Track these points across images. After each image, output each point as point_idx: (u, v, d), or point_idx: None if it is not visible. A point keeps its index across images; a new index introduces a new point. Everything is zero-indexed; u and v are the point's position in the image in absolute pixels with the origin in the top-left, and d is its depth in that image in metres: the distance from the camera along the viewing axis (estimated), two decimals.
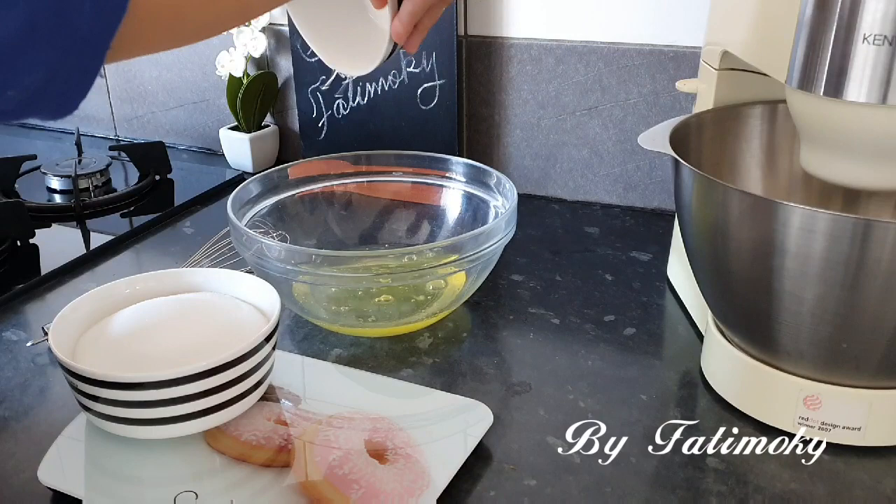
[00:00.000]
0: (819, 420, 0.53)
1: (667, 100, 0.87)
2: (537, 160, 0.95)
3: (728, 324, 0.58)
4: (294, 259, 0.62)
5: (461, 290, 0.69)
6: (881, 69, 0.46)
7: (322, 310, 0.70)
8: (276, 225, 0.75)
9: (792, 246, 0.48)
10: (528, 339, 0.67)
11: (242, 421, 0.54)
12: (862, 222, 0.46)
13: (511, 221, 0.67)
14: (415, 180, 0.80)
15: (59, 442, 0.53)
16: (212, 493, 0.48)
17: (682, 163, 0.54)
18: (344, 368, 0.61)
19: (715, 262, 0.55)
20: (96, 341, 0.53)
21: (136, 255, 0.84)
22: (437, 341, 0.67)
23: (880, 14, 0.45)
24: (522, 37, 0.91)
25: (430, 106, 0.93)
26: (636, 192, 0.92)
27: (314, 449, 0.51)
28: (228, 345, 0.51)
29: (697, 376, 0.62)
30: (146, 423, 0.50)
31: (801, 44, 0.49)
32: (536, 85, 0.92)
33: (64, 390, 0.58)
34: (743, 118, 0.65)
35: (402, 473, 0.49)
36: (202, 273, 0.61)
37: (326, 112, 0.99)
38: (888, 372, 0.52)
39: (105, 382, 0.48)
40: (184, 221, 0.91)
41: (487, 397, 0.58)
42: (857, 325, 0.50)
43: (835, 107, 0.49)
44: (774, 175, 0.66)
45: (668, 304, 0.72)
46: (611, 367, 0.63)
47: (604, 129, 0.90)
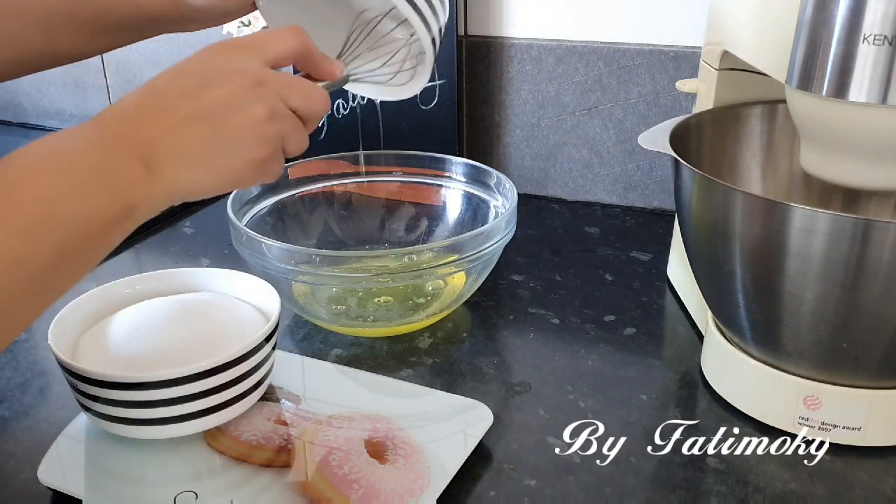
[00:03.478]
0: (819, 420, 0.53)
1: (667, 100, 0.87)
2: (537, 160, 0.95)
3: (728, 324, 0.58)
4: (294, 259, 0.62)
5: (461, 290, 0.69)
6: (881, 69, 0.45)
7: (322, 310, 0.70)
8: (275, 225, 0.75)
9: (792, 246, 0.48)
10: (528, 339, 0.67)
11: (242, 421, 0.53)
12: (862, 222, 0.46)
13: (511, 221, 0.67)
14: (415, 180, 0.80)
15: (59, 442, 0.53)
16: (212, 493, 0.48)
17: (682, 163, 0.54)
18: (344, 368, 0.61)
19: (715, 262, 0.55)
20: (96, 341, 0.53)
21: (136, 255, 0.84)
22: (437, 341, 0.67)
23: (880, 14, 0.45)
24: (522, 37, 0.91)
25: (430, 106, 0.93)
26: (636, 192, 0.92)
27: (314, 449, 0.51)
28: (228, 345, 0.51)
29: (697, 376, 0.62)
30: (146, 423, 0.50)
31: (801, 44, 0.49)
32: (536, 85, 0.91)
33: (64, 390, 0.58)
34: (743, 118, 0.65)
35: (402, 473, 0.49)
36: (202, 273, 0.61)
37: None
38: (888, 372, 0.52)
39: (105, 382, 0.48)
40: (184, 221, 0.91)
41: (487, 397, 0.58)
42: (857, 325, 0.50)
43: (835, 107, 0.49)
44: (774, 175, 0.66)
45: (668, 304, 0.72)
46: (611, 367, 0.63)
47: (604, 129, 0.90)
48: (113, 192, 0.38)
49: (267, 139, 0.44)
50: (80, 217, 0.37)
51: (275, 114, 0.44)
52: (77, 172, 0.38)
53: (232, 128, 0.42)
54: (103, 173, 0.38)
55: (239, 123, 0.43)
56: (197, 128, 0.42)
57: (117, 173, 0.39)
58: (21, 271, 0.35)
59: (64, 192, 0.37)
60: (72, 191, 0.37)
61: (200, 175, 0.42)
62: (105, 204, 0.38)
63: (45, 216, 0.36)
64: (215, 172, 0.43)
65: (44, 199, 0.36)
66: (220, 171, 0.43)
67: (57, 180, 0.37)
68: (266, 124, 0.43)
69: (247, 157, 0.43)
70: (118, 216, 0.39)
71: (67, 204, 0.37)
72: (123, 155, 0.39)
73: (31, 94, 1.26)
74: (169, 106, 0.42)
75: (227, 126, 0.42)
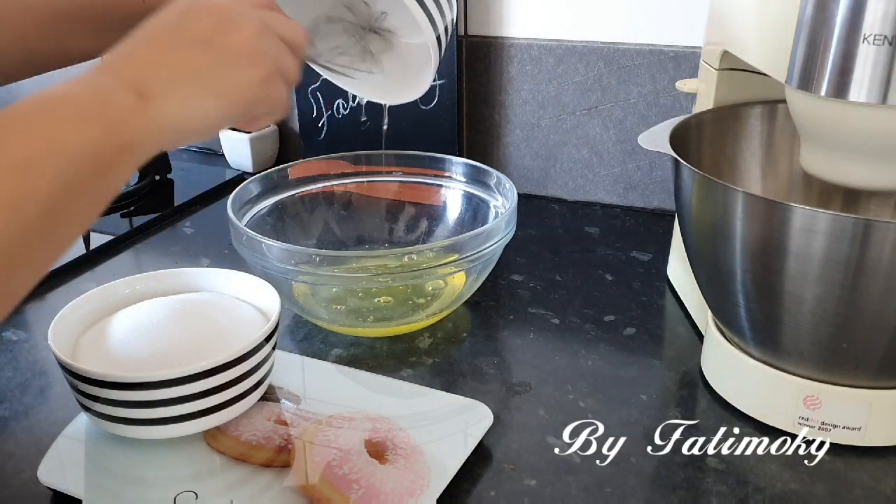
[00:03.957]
0: (819, 420, 0.53)
1: (667, 100, 0.87)
2: (537, 160, 0.95)
3: (728, 324, 0.58)
4: (294, 259, 0.62)
5: (461, 290, 0.69)
6: (881, 69, 0.45)
7: (322, 310, 0.70)
8: (275, 225, 0.75)
9: (792, 246, 0.48)
10: (528, 339, 0.67)
11: (242, 421, 0.53)
12: (862, 222, 0.46)
13: (511, 221, 0.67)
14: (415, 180, 0.80)
15: (59, 442, 0.53)
16: (212, 493, 0.48)
17: (682, 163, 0.54)
18: (344, 368, 0.61)
19: (715, 262, 0.55)
20: (96, 341, 0.53)
21: (136, 255, 0.84)
22: (437, 341, 0.67)
23: (880, 14, 0.45)
24: (522, 37, 0.91)
25: (430, 106, 0.93)
26: (636, 192, 0.92)
27: (314, 449, 0.51)
28: (228, 345, 0.51)
29: (697, 376, 0.62)
30: (146, 423, 0.50)
31: (801, 44, 0.49)
32: (536, 85, 0.91)
33: (64, 390, 0.58)
34: (743, 118, 0.65)
35: (402, 473, 0.49)
36: (202, 273, 0.61)
37: (326, 112, 0.99)
38: (888, 372, 0.52)
39: (105, 382, 0.48)
40: (184, 221, 0.91)
41: (487, 397, 0.58)
42: (857, 325, 0.50)
43: (835, 107, 0.49)
44: (774, 175, 0.66)
45: (668, 304, 0.72)
46: (611, 367, 0.63)
47: (604, 129, 0.90)
48: (105, 124, 0.37)
49: (262, 53, 0.44)
50: (74, 151, 0.36)
51: (263, 31, 0.44)
52: (68, 108, 0.37)
53: (224, 46, 0.42)
54: (93, 106, 0.38)
55: (231, 40, 0.43)
56: (188, 51, 0.41)
57: (108, 105, 0.38)
58: (23, 211, 0.34)
59: (56, 128, 0.36)
60: (63, 126, 0.36)
61: (200, 98, 0.41)
62: (98, 136, 0.37)
63: (39, 152, 0.35)
64: (215, 94, 0.42)
65: (36, 135, 0.35)
66: (221, 93, 0.42)
67: (49, 117, 0.36)
68: (258, 39, 0.43)
69: (245, 75, 0.43)
70: (116, 150, 0.38)
71: (59, 138, 0.36)
72: (113, 87, 0.39)
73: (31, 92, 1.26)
74: (161, 37, 0.42)
75: (219, 45, 0.42)
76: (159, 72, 0.40)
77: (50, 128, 0.36)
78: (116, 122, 0.38)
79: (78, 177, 0.36)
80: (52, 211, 0.35)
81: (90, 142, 0.37)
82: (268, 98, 0.45)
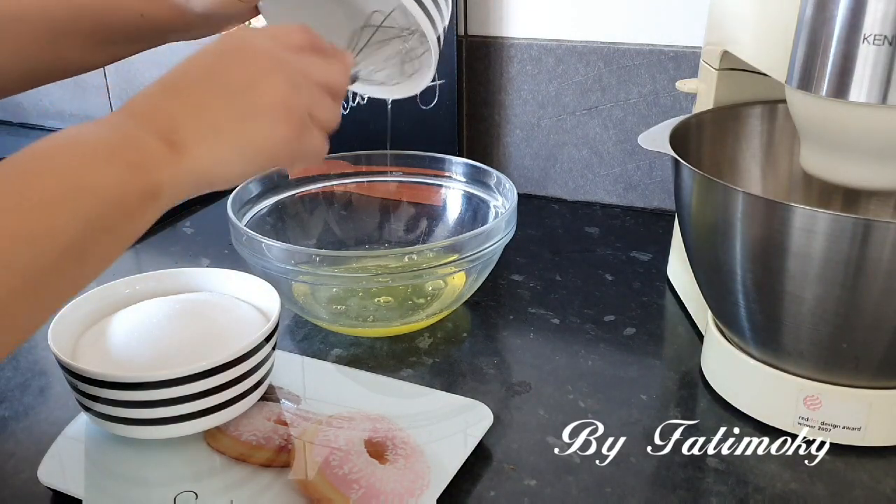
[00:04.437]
0: (819, 420, 0.53)
1: (667, 100, 0.87)
2: (537, 160, 0.95)
3: (728, 324, 0.58)
4: (294, 259, 0.62)
5: (461, 290, 0.69)
6: (881, 69, 0.45)
7: (322, 310, 0.70)
8: (275, 225, 0.75)
9: (792, 246, 0.48)
10: (528, 339, 0.67)
11: (242, 421, 0.53)
12: (862, 222, 0.46)
13: (511, 221, 0.67)
14: (415, 180, 0.80)
15: (59, 442, 0.53)
16: (212, 493, 0.48)
17: (682, 163, 0.54)
18: (344, 368, 0.61)
19: (715, 262, 0.55)
20: (96, 341, 0.53)
21: (136, 255, 0.84)
22: (437, 341, 0.67)
23: (880, 14, 0.45)
24: (522, 37, 0.91)
25: (430, 106, 0.93)
26: (636, 192, 0.92)
27: (314, 449, 0.51)
28: (228, 345, 0.51)
29: (697, 376, 0.62)
30: (146, 423, 0.50)
31: (802, 44, 0.49)
32: (536, 85, 0.91)
33: (64, 390, 0.58)
34: (743, 118, 0.65)
35: (402, 473, 0.49)
36: (202, 273, 0.61)
37: None
38: (888, 372, 0.52)
39: (105, 382, 0.48)
40: (184, 221, 0.91)
41: (487, 397, 0.58)
42: (857, 325, 0.50)
43: (835, 107, 0.49)
44: (774, 175, 0.66)
45: (668, 304, 0.72)
46: (611, 367, 0.63)
47: (604, 129, 0.90)
48: (133, 170, 0.38)
49: (292, 110, 0.43)
50: (101, 192, 0.36)
51: (298, 86, 0.44)
52: (97, 151, 0.37)
53: (256, 102, 0.42)
54: (123, 150, 0.38)
55: (263, 97, 0.42)
56: (220, 104, 0.41)
57: (137, 151, 0.38)
58: (46, 246, 0.34)
59: (84, 170, 0.36)
60: (92, 167, 0.36)
61: (227, 152, 0.41)
62: (126, 180, 0.37)
63: (66, 191, 0.35)
64: (243, 149, 0.42)
65: (64, 175, 0.35)
66: (249, 148, 0.42)
67: (78, 158, 0.36)
68: (290, 96, 0.43)
69: (275, 131, 0.43)
70: (141, 195, 0.38)
71: (88, 180, 0.36)
72: (144, 133, 0.39)
73: (31, 94, 1.26)
74: (191, 86, 0.42)
75: (250, 101, 0.42)
76: (191, 125, 0.40)
77: (77, 168, 0.36)
78: (145, 168, 0.38)
79: (100, 219, 0.36)
80: (75, 250, 0.36)
81: (117, 184, 0.37)
82: (297, 151, 0.45)
